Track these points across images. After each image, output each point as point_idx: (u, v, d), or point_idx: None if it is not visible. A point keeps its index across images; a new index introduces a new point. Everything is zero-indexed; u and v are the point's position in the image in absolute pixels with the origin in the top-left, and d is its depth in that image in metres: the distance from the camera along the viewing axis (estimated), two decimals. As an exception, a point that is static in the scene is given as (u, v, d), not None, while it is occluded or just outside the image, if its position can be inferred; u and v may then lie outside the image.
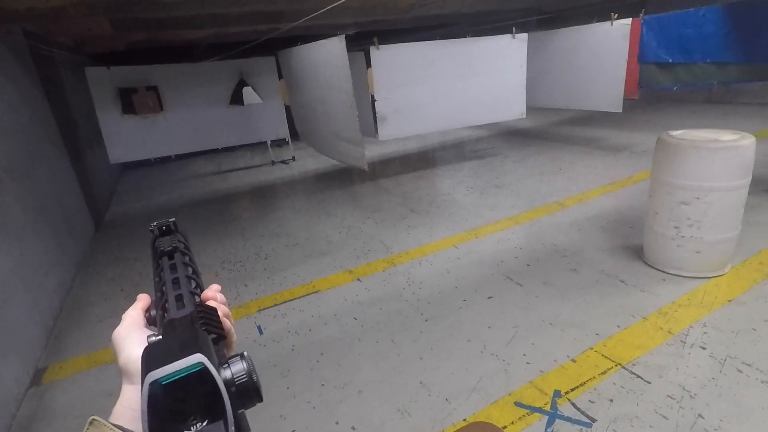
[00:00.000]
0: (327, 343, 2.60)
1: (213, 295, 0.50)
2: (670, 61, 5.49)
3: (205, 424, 0.33)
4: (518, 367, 2.26)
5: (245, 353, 0.39)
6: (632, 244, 3.35)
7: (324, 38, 4.16)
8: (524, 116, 5.75)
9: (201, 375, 0.33)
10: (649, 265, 3.03)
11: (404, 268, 3.43)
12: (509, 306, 2.78)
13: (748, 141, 2.57)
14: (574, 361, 2.26)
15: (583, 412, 1.94)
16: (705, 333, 2.34)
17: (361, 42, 5.75)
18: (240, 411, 0.37)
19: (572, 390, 2.07)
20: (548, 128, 7.87)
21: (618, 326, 2.48)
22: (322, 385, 2.28)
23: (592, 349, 2.33)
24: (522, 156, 6.20)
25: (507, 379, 2.20)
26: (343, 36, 3.73)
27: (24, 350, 2.57)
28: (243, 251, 4.08)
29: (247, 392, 0.37)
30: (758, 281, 2.72)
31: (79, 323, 3.13)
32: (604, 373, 2.16)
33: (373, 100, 4.97)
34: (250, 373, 0.37)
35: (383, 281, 3.27)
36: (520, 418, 1.96)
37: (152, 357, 0.34)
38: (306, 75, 4.98)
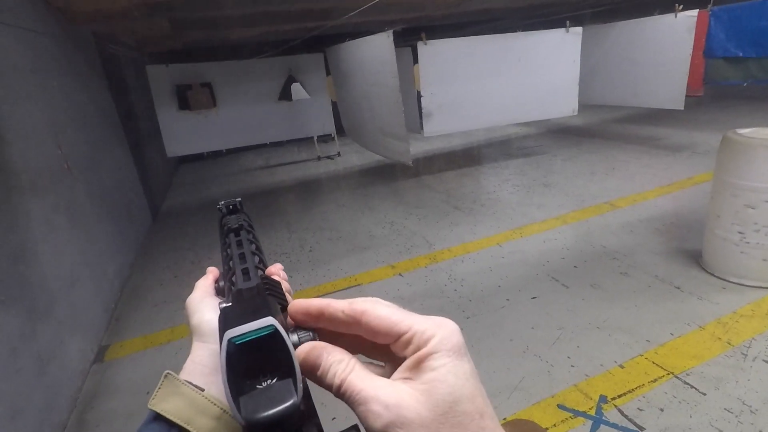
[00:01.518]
0: (368, 335, 2.64)
1: (276, 271, 0.54)
2: (741, 54, 5.12)
3: (275, 380, 0.35)
4: (562, 370, 2.20)
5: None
6: (690, 248, 3.16)
7: (372, 35, 4.20)
8: (576, 113, 5.55)
9: (272, 336, 0.35)
10: (708, 272, 2.86)
11: (446, 264, 3.41)
12: (554, 307, 2.71)
13: (828, 140, 2.36)
14: (622, 366, 2.18)
15: (630, 420, 1.87)
16: (770, 346, 2.18)
17: (408, 38, 5.74)
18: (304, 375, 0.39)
19: (619, 396, 2.00)
20: (601, 126, 7.55)
21: (671, 334, 2.36)
22: (362, 375, 2.32)
23: (642, 355, 2.23)
24: (572, 154, 5.99)
25: (550, 380, 2.15)
26: (391, 32, 3.75)
27: (89, 329, 2.79)
28: (288, 243, 4.20)
29: None
30: (834, 293, 2.50)
31: (137, 307, 3.35)
32: (654, 381, 2.06)
33: (419, 96, 4.96)
34: (315, 338, 0.39)
35: (425, 277, 3.27)
36: (562, 421, 1.92)
37: (228, 318, 0.37)
38: (353, 71, 5.05)
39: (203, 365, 0.44)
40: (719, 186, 2.71)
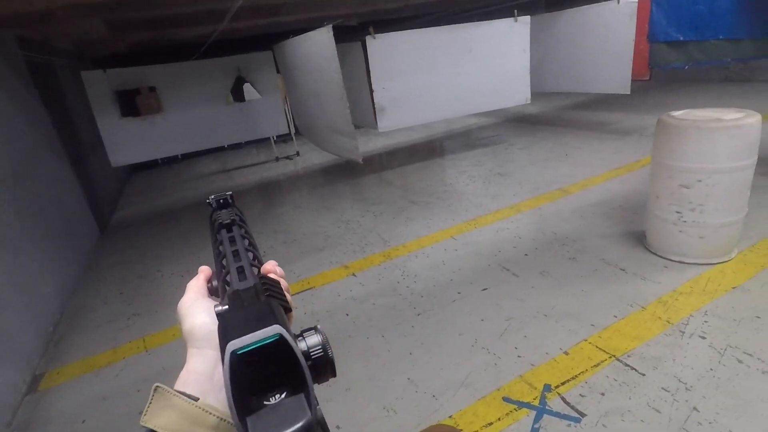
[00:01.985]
0: (317, 340, 2.58)
1: (272, 268, 0.51)
2: (681, 38, 5.25)
3: (284, 396, 0.33)
4: (509, 361, 2.20)
5: (318, 326, 0.39)
6: (635, 230, 3.23)
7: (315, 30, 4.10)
8: (529, 102, 5.60)
9: (279, 346, 0.33)
10: (652, 252, 2.92)
11: (400, 261, 3.38)
12: (504, 298, 2.71)
13: (753, 119, 2.43)
14: (566, 353, 2.19)
15: (572, 407, 1.88)
16: (706, 322, 2.23)
17: (361, 32, 5.66)
18: (313, 385, 0.37)
19: (563, 384, 2.00)
20: (556, 113, 7.67)
21: (615, 316, 2.39)
22: (309, 382, 2.25)
23: (586, 340, 2.25)
24: (528, 143, 6.06)
25: (497, 373, 2.14)
26: (330, 26, 3.66)
27: (20, 357, 2.61)
28: (242, 249, 4.08)
29: (323, 366, 0.36)
30: (765, 267, 2.59)
31: (78, 328, 3.18)
32: (597, 365, 2.08)
33: (371, 91, 4.90)
34: (325, 346, 0.37)
35: (378, 275, 3.23)
36: (507, 414, 1.91)
37: (230, 327, 0.34)
38: (299, 68, 4.93)
39: (198, 373, 0.42)
40: (656, 168, 2.76)
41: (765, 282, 2.47)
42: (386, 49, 4.79)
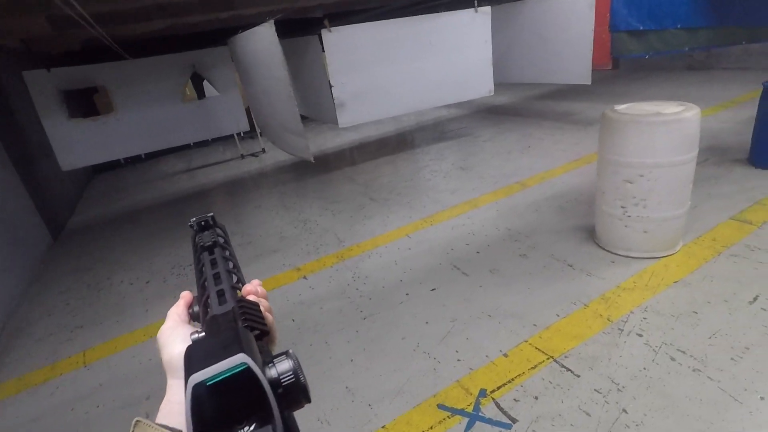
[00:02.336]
0: (259, 349, 2.50)
1: (253, 289, 0.50)
2: (641, 28, 5.25)
3: (252, 428, 0.32)
4: (448, 366, 2.16)
5: (290, 351, 0.38)
6: (587, 224, 3.22)
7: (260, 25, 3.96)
8: (492, 93, 5.55)
9: (246, 376, 0.32)
10: (600, 247, 2.91)
11: (353, 262, 3.32)
12: (451, 298, 2.67)
13: (691, 113, 2.41)
14: (506, 355, 2.16)
15: (505, 413, 1.85)
16: (644, 319, 2.23)
17: (319, 26, 5.51)
18: (287, 413, 0.35)
19: (498, 388, 1.97)
20: (524, 104, 7.65)
21: (557, 315, 2.37)
22: (244, 395, 2.18)
23: (526, 341, 2.23)
24: (492, 134, 6.02)
25: (435, 379, 2.10)
26: (272, 21, 3.53)
27: (-54, 375, 2.48)
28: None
29: (295, 393, 0.35)
30: (708, 259, 2.59)
31: (17, 343, 3.05)
32: (534, 367, 2.05)
33: (330, 86, 4.79)
34: (296, 372, 0.35)
35: (329, 278, 3.16)
36: (440, 422, 1.87)
37: (194, 358, 0.33)
38: (249, 64, 4.78)
39: (180, 403, 0.39)
40: (602, 163, 2.74)
41: (705, 275, 2.47)
42: (344, 43, 4.67)
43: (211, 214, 0.65)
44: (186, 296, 0.53)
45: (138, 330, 2.98)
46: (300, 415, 1.59)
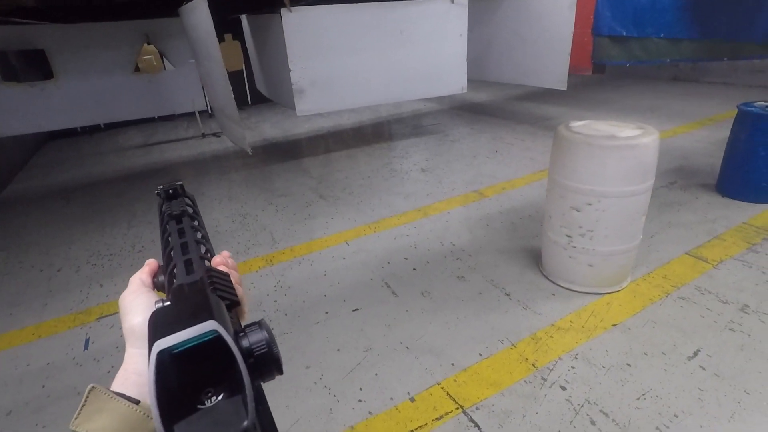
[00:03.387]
0: (146, 367, 2.22)
1: (223, 260, 0.49)
2: (624, 34, 4.97)
3: (220, 398, 0.31)
4: (346, 407, 1.90)
5: (263, 320, 0.37)
6: (536, 246, 2.97)
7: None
8: (465, 91, 5.23)
9: (215, 343, 0.31)
10: (544, 275, 2.66)
11: (281, 268, 3.03)
12: (372, 322, 2.41)
13: (649, 139, 2.15)
14: (413, 400, 1.91)
15: (393, 475, 1.60)
16: (572, 368, 1.99)
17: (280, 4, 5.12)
18: (257, 383, 0.35)
19: (394, 442, 1.73)
20: (503, 104, 7.35)
21: (480, 354, 2.12)
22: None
23: (439, 384, 1.98)
24: (463, 134, 5.73)
25: (327, 422, 1.84)
26: (206, -3, 3.16)
27: None
28: (120, 241, 3.64)
29: (267, 364, 0.35)
30: (654, 300, 2.37)
31: None
32: (439, 418, 1.81)
33: (289, 71, 4.43)
34: (269, 343, 0.35)
35: (251, 284, 2.87)
36: (319, 481, 1.62)
37: (160, 324, 0.33)
38: (193, 42, 4.38)
39: (138, 374, 0.39)
40: (551, 184, 2.48)
41: (648, 320, 2.24)
42: (306, 25, 4.30)
43: (180, 182, 0.62)
44: (151, 263, 0.51)
45: (29, 327, 2.67)
46: None
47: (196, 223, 0.57)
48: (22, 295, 3.02)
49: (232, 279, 0.44)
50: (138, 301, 0.44)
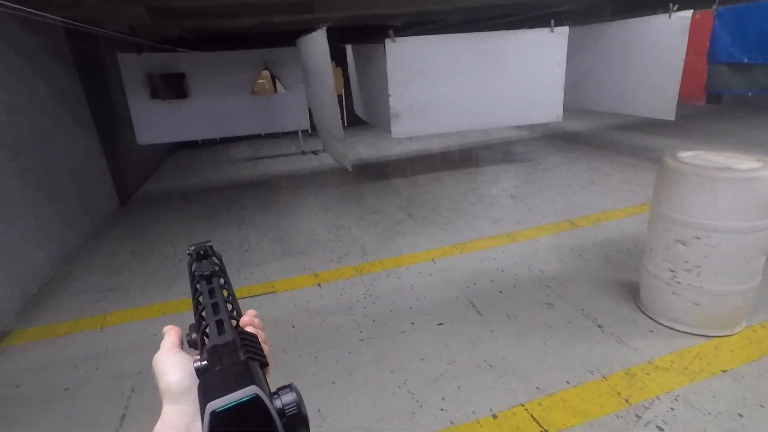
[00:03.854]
0: (249, 352, 2.48)
1: (250, 320, 0.52)
2: (746, 61, 4.60)
3: None
4: (428, 413, 1.97)
5: (293, 384, 0.41)
6: (633, 281, 2.83)
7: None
8: (560, 119, 5.15)
9: (256, 405, 0.35)
10: (642, 311, 2.53)
11: (370, 278, 3.20)
12: (456, 337, 2.46)
13: (771, 172, 2.00)
14: (495, 416, 1.93)
15: (473, 485, 1.63)
16: (672, 410, 1.88)
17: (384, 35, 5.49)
18: None
19: (474, 454, 1.76)
20: (600, 133, 7.04)
21: (568, 382, 2.08)
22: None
23: (523, 405, 1.97)
24: (556, 163, 5.60)
25: (410, 425, 1.93)
26: (325, 28, 3.52)
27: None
28: (230, 241, 4.09)
29: (296, 423, 0.38)
30: (772, 350, 2.14)
31: (56, 294, 3.31)
32: (522, 439, 1.81)
33: (388, 96, 4.72)
34: (299, 404, 0.39)
35: (342, 290, 3.07)
36: (400, 477, 1.70)
37: (209, 388, 0.37)
38: (307, 68, 4.84)
39: (175, 428, 0.43)
40: (653, 216, 2.38)
41: (766, 370, 2.04)
42: (406, 54, 4.58)
43: (210, 243, 0.66)
44: (174, 330, 0.53)
45: (157, 304, 3.11)
46: None
47: (222, 281, 0.60)
48: (152, 277, 3.51)
49: (259, 339, 0.48)
50: (171, 361, 0.47)
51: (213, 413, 0.34)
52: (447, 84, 4.78)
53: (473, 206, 4.40)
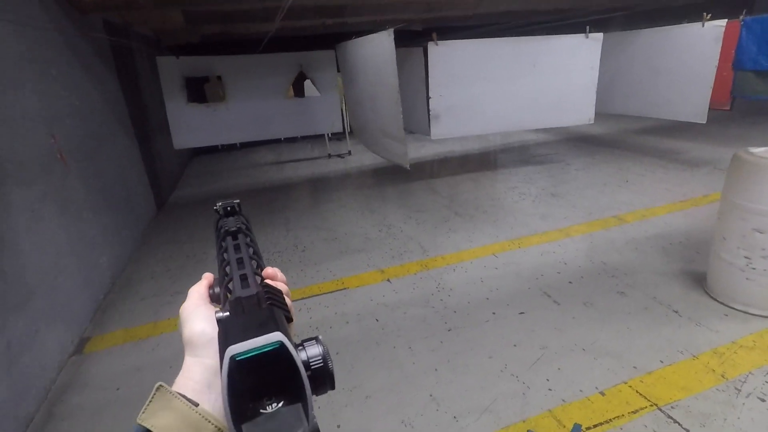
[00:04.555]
0: (344, 343, 2.58)
1: (274, 273, 0.51)
2: (772, 67, 4.83)
3: (281, 404, 0.32)
4: (538, 393, 2.09)
5: (320, 336, 0.39)
6: (695, 270, 2.98)
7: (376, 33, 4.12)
8: (592, 122, 5.34)
9: (279, 354, 0.32)
10: (712, 297, 2.68)
11: (437, 272, 3.32)
12: (541, 325, 2.59)
13: None
14: (602, 394, 2.05)
15: (602, 454, 1.75)
16: (767, 383, 2.02)
17: (423, 38, 5.65)
18: (313, 396, 0.36)
19: (595, 426, 1.88)
20: (622, 136, 7.27)
21: (661, 362, 2.21)
22: (331, 384, 2.25)
23: (626, 383, 2.10)
24: (586, 164, 5.78)
25: (524, 403, 2.04)
26: (392, 30, 3.66)
27: (71, 321, 2.79)
28: (283, 242, 4.17)
29: (322, 378, 0.36)
30: None
31: (125, 299, 3.36)
32: (635, 412, 1.93)
33: (428, 97, 4.86)
34: (325, 357, 0.37)
35: (413, 284, 3.18)
36: (530, 450, 1.81)
37: (231, 332, 0.34)
38: (357, 69, 4.97)
39: (195, 381, 0.41)
40: (727, 207, 2.54)
41: (844, 347, 2.19)
42: (447, 57, 4.73)
43: (237, 200, 0.65)
44: (208, 277, 0.53)
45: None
46: (384, 415, 1.62)
47: (249, 239, 0.58)
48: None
49: (284, 293, 0.46)
50: (197, 312, 0.46)
51: (233, 358, 0.31)
52: (484, 86, 4.94)
53: (516, 204, 4.54)
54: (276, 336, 0.32)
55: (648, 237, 3.56)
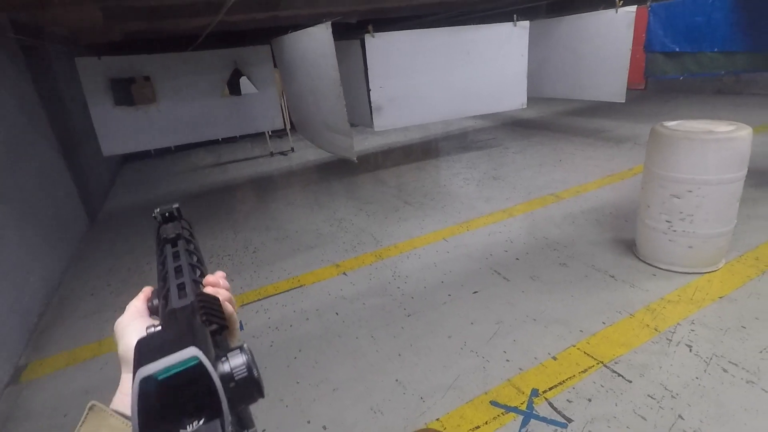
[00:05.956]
0: (306, 340, 2.57)
1: (215, 281, 0.49)
2: (677, 50, 5.32)
3: (201, 423, 0.31)
4: (497, 365, 2.21)
5: (245, 345, 0.37)
6: (626, 238, 3.26)
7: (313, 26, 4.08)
8: (525, 106, 5.62)
9: (196, 370, 0.31)
10: (641, 260, 2.94)
11: (392, 261, 3.38)
12: (494, 301, 2.72)
13: (744, 132, 2.46)
14: (555, 358, 2.20)
15: (559, 412, 1.89)
16: (692, 331, 2.26)
17: (359, 31, 5.66)
18: (242, 407, 0.35)
19: (550, 389, 2.02)
20: (552, 119, 7.71)
21: (603, 323, 2.41)
22: (297, 382, 2.25)
23: (574, 346, 2.27)
24: (522, 147, 6.08)
25: (485, 377, 2.15)
26: (329, 23, 3.65)
27: (2, 349, 2.56)
28: (232, 244, 4.06)
29: (247, 388, 0.35)
30: (752, 277, 2.62)
31: (63, 319, 3.13)
32: (584, 371, 2.09)
33: (369, 90, 4.89)
34: (249, 367, 0.35)
35: (369, 275, 3.22)
36: (494, 418, 1.91)
37: (144, 350, 0.33)
38: (296, 64, 4.91)
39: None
40: (648, 177, 2.79)
41: (751, 292, 2.50)
42: (384, 48, 4.78)
43: (176, 205, 0.62)
44: (146, 290, 0.52)
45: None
46: (353, 405, 1.68)
47: (191, 246, 0.56)
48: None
49: (222, 299, 0.45)
50: (132, 326, 0.45)
51: (144, 380, 0.30)
52: (422, 76, 5.05)
53: (462, 189, 4.70)
54: (190, 351, 0.31)
55: (583, 211, 3.83)
